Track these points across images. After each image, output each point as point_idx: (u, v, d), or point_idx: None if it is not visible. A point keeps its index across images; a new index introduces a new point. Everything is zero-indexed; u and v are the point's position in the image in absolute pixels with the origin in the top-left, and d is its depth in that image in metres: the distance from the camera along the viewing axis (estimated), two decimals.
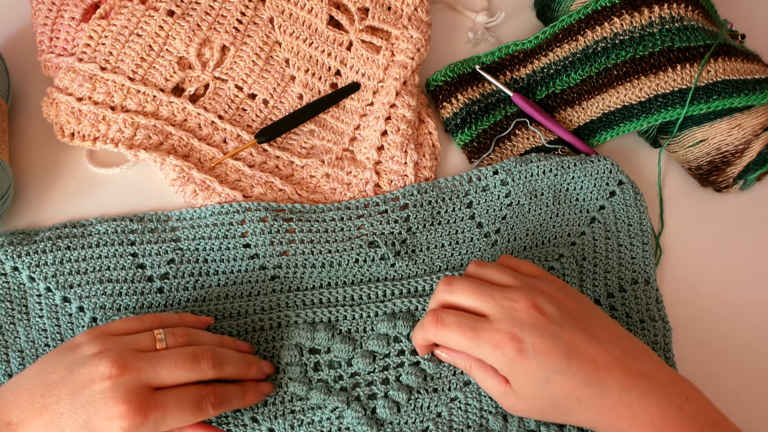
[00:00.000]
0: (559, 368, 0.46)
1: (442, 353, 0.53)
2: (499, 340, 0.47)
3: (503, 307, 0.48)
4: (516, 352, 0.46)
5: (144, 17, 0.62)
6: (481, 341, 0.47)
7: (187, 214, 0.59)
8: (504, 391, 0.49)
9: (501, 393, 0.49)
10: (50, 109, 0.60)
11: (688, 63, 0.59)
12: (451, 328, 0.48)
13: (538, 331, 0.47)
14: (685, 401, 0.46)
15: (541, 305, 0.48)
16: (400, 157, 0.62)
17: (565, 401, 0.47)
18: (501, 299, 0.48)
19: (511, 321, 0.47)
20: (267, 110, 0.64)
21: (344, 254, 0.58)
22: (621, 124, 0.63)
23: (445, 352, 0.53)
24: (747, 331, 0.61)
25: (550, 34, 0.65)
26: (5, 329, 0.55)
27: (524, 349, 0.46)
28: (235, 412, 0.54)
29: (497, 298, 0.48)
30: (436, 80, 0.66)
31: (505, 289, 0.49)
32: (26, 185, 0.61)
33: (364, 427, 0.54)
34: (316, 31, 0.64)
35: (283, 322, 0.56)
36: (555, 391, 0.47)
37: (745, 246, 0.63)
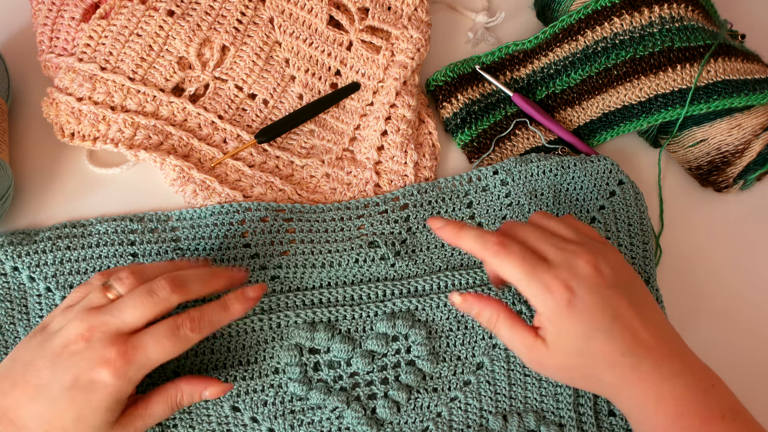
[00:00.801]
0: (603, 328, 0.46)
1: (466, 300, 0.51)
2: (553, 285, 0.47)
3: (565, 258, 0.48)
4: (566, 301, 0.46)
5: (144, 17, 0.62)
6: (536, 279, 0.47)
7: (187, 214, 0.59)
8: (533, 344, 0.48)
9: (529, 345, 0.48)
10: (50, 109, 0.61)
11: (688, 63, 0.59)
12: (513, 255, 0.48)
13: (592, 288, 0.47)
14: (711, 387, 0.47)
15: (600, 265, 0.48)
16: (400, 157, 0.62)
17: (597, 363, 0.47)
18: (564, 249, 0.48)
19: (570, 272, 0.47)
20: (267, 110, 0.64)
21: (344, 254, 0.58)
22: (621, 124, 0.63)
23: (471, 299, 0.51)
24: (747, 331, 0.61)
25: (550, 34, 0.65)
26: (5, 329, 0.55)
27: (574, 301, 0.47)
28: (234, 412, 0.54)
29: (560, 247, 0.49)
30: (436, 80, 0.66)
31: (568, 242, 0.49)
32: (26, 185, 0.61)
33: (364, 427, 0.54)
34: (316, 31, 0.64)
35: (282, 323, 0.56)
36: (593, 350, 0.47)
37: (745, 246, 0.63)
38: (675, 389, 0.46)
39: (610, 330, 0.47)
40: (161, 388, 0.49)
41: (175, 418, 0.54)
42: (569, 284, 0.47)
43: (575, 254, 0.48)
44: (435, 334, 0.57)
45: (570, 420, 0.55)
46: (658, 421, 0.46)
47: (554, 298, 0.47)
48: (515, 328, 0.49)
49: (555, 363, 0.49)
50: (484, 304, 0.50)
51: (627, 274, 0.50)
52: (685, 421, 0.45)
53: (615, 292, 0.48)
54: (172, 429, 0.54)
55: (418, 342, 0.56)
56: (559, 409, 0.55)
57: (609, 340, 0.47)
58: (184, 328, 0.47)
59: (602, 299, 0.47)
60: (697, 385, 0.46)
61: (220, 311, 0.49)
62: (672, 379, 0.46)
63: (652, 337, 0.47)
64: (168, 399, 0.49)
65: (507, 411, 0.55)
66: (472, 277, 0.58)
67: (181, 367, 0.54)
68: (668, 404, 0.46)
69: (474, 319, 0.57)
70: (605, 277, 0.48)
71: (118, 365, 0.44)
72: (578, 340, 0.47)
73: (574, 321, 0.47)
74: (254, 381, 0.55)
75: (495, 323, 0.49)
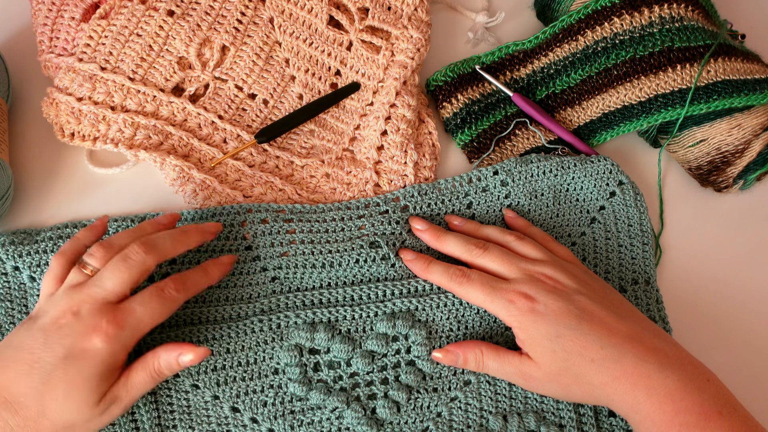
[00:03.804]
0: (569, 325, 0.49)
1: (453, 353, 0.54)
2: (513, 297, 0.51)
3: (525, 273, 0.52)
4: (528, 307, 0.50)
5: (144, 17, 0.62)
6: (497, 296, 0.51)
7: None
8: (519, 361, 0.51)
9: (516, 364, 0.51)
10: (50, 109, 0.60)
11: (688, 63, 0.59)
12: (474, 283, 0.53)
13: (552, 295, 0.50)
14: (705, 382, 0.47)
15: (561, 277, 0.52)
16: (400, 157, 0.62)
17: (579, 363, 0.48)
18: (525, 268, 0.52)
19: (529, 284, 0.51)
20: (267, 110, 0.64)
21: (345, 254, 0.58)
22: (621, 124, 0.63)
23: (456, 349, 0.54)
24: (747, 331, 0.61)
25: (550, 34, 0.65)
26: (5, 329, 0.55)
27: (536, 306, 0.50)
28: (234, 413, 0.54)
29: (522, 267, 0.53)
30: (436, 80, 0.66)
31: (533, 262, 0.53)
32: (26, 185, 0.61)
33: (364, 427, 0.54)
34: (316, 31, 0.64)
35: (282, 323, 0.56)
36: (566, 347, 0.48)
37: (745, 246, 0.63)
38: (667, 382, 0.46)
39: (578, 327, 0.48)
40: (140, 358, 0.50)
41: (175, 419, 0.54)
42: (528, 294, 0.50)
43: (537, 270, 0.52)
44: (435, 335, 0.57)
45: (570, 420, 0.55)
46: (656, 417, 0.46)
47: (517, 308, 0.50)
48: (500, 356, 0.52)
49: (543, 373, 0.50)
50: (466, 347, 0.54)
51: (596, 285, 0.53)
52: (683, 417, 0.45)
53: (580, 297, 0.50)
54: (171, 429, 0.54)
55: (418, 342, 0.56)
56: (559, 410, 0.55)
57: (580, 336, 0.48)
58: (168, 289, 0.49)
59: (565, 302, 0.50)
60: (691, 380, 0.46)
61: (200, 274, 0.52)
62: (662, 372, 0.46)
63: (631, 331, 0.48)
64: (146, 367, 0.50)
65: (507, 411, 0.55)
66: None
67: None
68: (663, 399, 0.46)
69: (474, 319, 0.57)
70: (567, 286, 0.51)
71: (110, 331, 0.45)
72: (549, 341, 0.49)
73: (540, 324, 0.49)
74: (254, 381, 0.55)
75: (482, 360, 0.53)
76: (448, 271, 0.54)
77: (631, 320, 0.50)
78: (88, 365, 0.45)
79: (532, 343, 0.50)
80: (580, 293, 0.51)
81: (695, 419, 0.45)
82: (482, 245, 0.55)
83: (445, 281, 0.55)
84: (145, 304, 0.47)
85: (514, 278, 0.52)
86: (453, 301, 0.57)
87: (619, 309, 0.51)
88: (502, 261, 0.54)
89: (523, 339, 0.50)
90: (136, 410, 0.53)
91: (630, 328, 0.49)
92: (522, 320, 0.50)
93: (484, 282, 0.53)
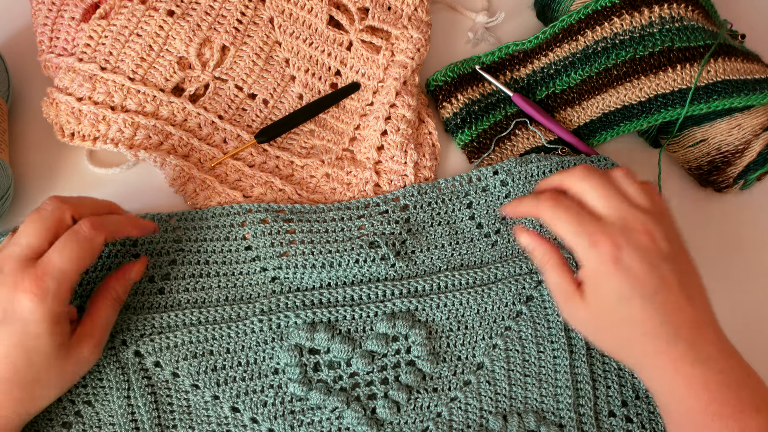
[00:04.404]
0: (644, 294, 0.46)
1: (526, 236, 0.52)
2: (600, 240, 0.47)
3: (622, 218, 0.48)
4: (611, 256, 0.47)
5: (144, 17, 0.62)
6: (583, 232, 0.48)
7: (188, 215, 0.59)
8: (572, 294, 0.49)
9: (568, 294, 0.49)
10: (50, 109, 0.60)
11: (688, 63, 0.59)
12: (565, 210, 0.49)
13: (641, 253, 0.47)
14: (746, 377, 0.46)
15: (656, 235, 0.48)
16: (400, 157, 0.62)
17: (631, 328, 0.47)
18: (624, 211, 0.48)
19: (623, 232, 0.47)
20: (267, 110, 0.64)
21: (344, 254, 0.58)
22: (621, 124, 0.63)
23: (530, 236, 0.52)
24: (747, 332, 0.60)
25: (550, 34, 0.65)
26: None
27: (620, 259, 0.46)
28: (234, 413, 0.54)
29: (622, 209, 0.48)
30: (436, 80, 0.66)
31: (634, 206, 0.49)
32: (26, 185, 0.61)
33: (364, 427, 0.54)
34: (316, 31, 0.64)
35: (282, 323, 0.56)
36: (629, 313, 0.47)
37: (745, 246, 0.63)
38: (708, 374, 0.45)
39: (652, 298, 0.46)
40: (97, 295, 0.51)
41: (175, 419, 0.54)
42: (618, 241, 0.47)
43: (634, 218, 0.48)
44: (435, 335, 0.57)
45: (570, 420, 0.55)
46: (690, 403, 0.45)
47: (599, 252, 0.47)
48: (562, 275, 0.50)
49: (588, 318, 0.49)
50: (541, 243, 0.52)
51: (683, 255, 0.50)
52: (717, 408, 0.45)
53: (666, 264, 0.47)
54: (171, 429, 0.54)
55: (418, 342, 0.56)
56: (559, 410, 0.55)
57: (648, 308, 0.46)
58: (82, 229, 0.48)
59: (650, 266, 0.47)
60: (732, 374, 0.46)
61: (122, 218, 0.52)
62: (706, 363, 0.46)
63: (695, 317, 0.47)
64: (106, 298, 0.51)
65: (507, 411, 0.55)
66: (472, 277, 0.58)
67: (179, 369, 0.54)
68: (699, 389, 0.45)
69: (474, 320, 0.57)
70: (659, 248, 0.47)
71: (34, 287, 0.45)
72: (616, 299, 0.47)
73: (616, 279, 0.47)
74: (254, 381, 0.55)
75: (545, 264, 0.51)
76: (538, 195, 0.51)
77: (698, 303, 0.48)
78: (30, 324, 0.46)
79: (597, 292, 0.48)
80: (667, 260, 0.47)
81: (730, 411, 0.45)
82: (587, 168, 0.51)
83: (533, 204, 0.51)
84: (62, 250, 0.47)
85: (607, 217, 0.48)
86: (453, 301, 0.57)
87: (692, 288, 0.48)
88: (601, 193, 0.49)
89: (588, 284, 0.48)
90: (136, 410, 0.53)
91: (694, 313, 0.47)
92: (598, 268, 0.47)
93: (574, 211, 0.48)
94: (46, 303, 0.46)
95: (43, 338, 0.46)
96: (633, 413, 0.56)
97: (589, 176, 0.50)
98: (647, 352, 0.47)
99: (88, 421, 0.53)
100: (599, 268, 0.47)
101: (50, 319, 0.46)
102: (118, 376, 0.54)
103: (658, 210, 0.50)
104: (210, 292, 0.57)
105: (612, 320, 0.48)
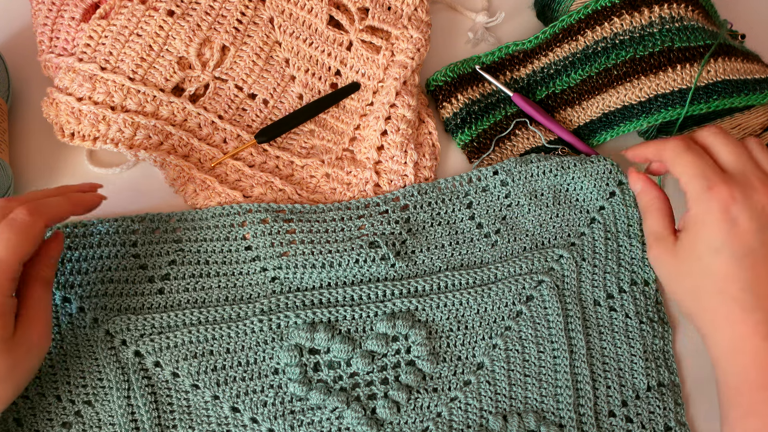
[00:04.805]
0: (735, 251, 0.46)
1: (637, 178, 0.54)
2: (718, 187, 0.47)
3: (746, 175, 0.48)
4: (722, 205, 0.47)
5: (144, 17, 0.62)
6: (704, 176, 0.48)
7: (188, 215, 0.59)
8: (665, 237, 0.50)
9: (660, 236, 0.50)
10: (50, 109, 0.60)
11: (688, 63, 0.59)
12: (692, 152, 0.49)
13: (754, 213, 0.46)
14: None
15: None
16: (400, 157, 0.62)
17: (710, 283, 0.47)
18: (751, 171, 0.48)
19: (742, 187, 0.47)
20: (267, 110, 0.64)
21: (344, 254, 0.58)
22: (621, 124, 0.63)
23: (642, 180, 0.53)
24: None
25: (550, 34, 0.65)
26: None
27: (730, 210, 0.46)
28: (234, 413, 0.54)
29: (749, 168, 0.48)
30: (436, 80, 0.66)
31: (761, 170, 0.49)
32: (26, 185, 0.61)
33: (364, 427, 0.54)
34: (316, 31, 0.64)
35: (282, 323, 0.56)
36: (713, 266, 0.46)
37: None
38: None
39: (742, 258, 0.46)
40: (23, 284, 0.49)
41: (175, 419, 0.54)
42: (734, 194, 0.47)
43: (759, 179, 0.48)
44: (435, 335, 0.57)
45: (570, 420, 0.55)
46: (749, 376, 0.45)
47: (711, 197, 0.47)
48: (662, 220, 0.51)
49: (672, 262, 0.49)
50: (652, 188, 0.53)
51: None
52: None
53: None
54: (171, 429, 0.54)
55: (418, 342, 0.56)
56: (559, 410, 0.55)
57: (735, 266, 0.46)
58: (18, 215, 0.46)
59: (758, 226, 0.46)
60: None
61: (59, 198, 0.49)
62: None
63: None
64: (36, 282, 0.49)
65: (507, 411, 0.55)
66: (472, 277, 0.58)
67: (179, 369, 0.54)
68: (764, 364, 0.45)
69: (474, 320, 0.57)
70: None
71: None
72: (706, 248, 0.47)
73: (716, 228, 0.46)
74: (254, 381, 0.55)
75: (649, 207, 0.52)
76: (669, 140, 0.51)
77: None
78: None
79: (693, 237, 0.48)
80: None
81: None
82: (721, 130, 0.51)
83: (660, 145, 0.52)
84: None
85: (732, 170, 0.48)
86: (453, 301, 0.57)
87: None
88: (731, 149, 0.49)
89: (689, 228, 0.48)
90: (136, 410, 0.53)
91: None
92: (705, 213, 0.47)
93: (700, 156, 0.49)
94: None
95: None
96: (633, 413, 0.56)
97: (723, 132, 0.50)
98: (718, 313, 0.46)
99: (88, 421, 0.53)
100: (705, 214, 0.47)
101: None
102: (118, 376, 0.54)
103: None
104: (210, 292, 0.57)
105: (694, 269, 0.47)
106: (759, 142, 0.51)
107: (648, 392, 0.56)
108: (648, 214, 0.52)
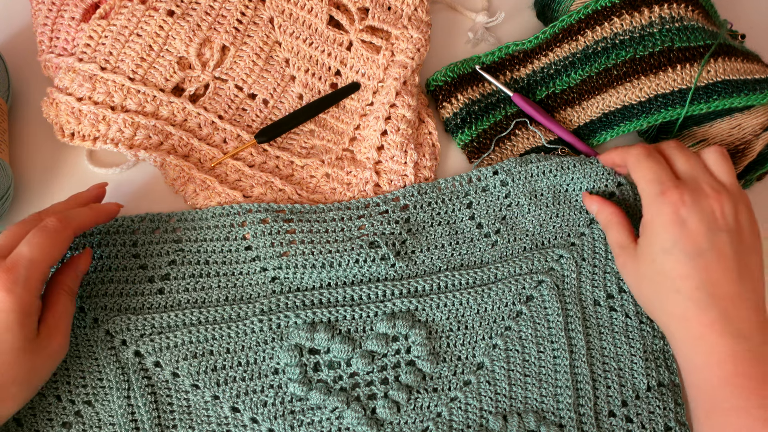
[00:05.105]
0: (687, 251, 0.48)
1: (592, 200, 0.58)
2: (669, 192, 0.49)
3: (697, 182, 0.50)
4: (672, 208, 0.49)
5: (144, 17, 0.62)
6: (658, 182, 0.51)
7: (188, 215, 0.59)
8: (628, 245, 0.53)
9: (625, 245, 0.53)
10: (50, 109, 0.60)
11: (688, 63, 0.59)
12: (651, 159, 0.52)
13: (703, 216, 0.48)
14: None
15: (726, 210, 0.49)
16: (400, 157, 0.62)
17: (667, 283, 0.48)
18: (703, 179, 0.51)
19: (693, 192, 0.49)
20: (267, 110, 0.64)
21: (344, 254, 0.58)
22: (621, 124, 0.63)
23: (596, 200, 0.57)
24: None
25: (550, 34, 0.65)
26: None
27: (679, 213, 0.49)
28: (234, 413, 0.54)
29: (701, 176, 0.51)
30: (436, 80, 0.66)
31: (714, 179, 0.51)
32: (26, 185, 0.61)
33: (364, 427, 0.54)
34: (316, 31, 0.64)
35: (282, 323, 0.56)
36: (666, 265, 0.48)
37: None
38: (737, 349, 0.45)
39: (694, 258, 0.47)
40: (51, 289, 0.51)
41: (175, 419, 0.54)
42: (684, 198, 0.49)
43: (710, 187, 0.50)
44: (435, 335, 0.57)
45: (570, 420, 0.55)
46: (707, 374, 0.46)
47: (663, 202, 0.49)
48: (622, 231, 0.54)
49: (633, 267, 0.51)
50: (607, 206, 0.57)
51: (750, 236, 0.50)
52: (741, 381, 0.45)
53: (724, 235, 0.48)
54: (171, 429, 0.54)
55: (418, 342, 0.56)
56: (559, 409, 0.55)
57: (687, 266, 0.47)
58: (49, 222, 0.49)
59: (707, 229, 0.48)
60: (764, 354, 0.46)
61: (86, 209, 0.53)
62: (737, 339, 0.46)
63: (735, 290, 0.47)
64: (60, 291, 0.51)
65: (507, 411, 0.55)
66: (472, 277, 0.58)
67: (179, 369, 0.54)
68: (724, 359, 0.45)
69: (474, 320, 0.57)
70: (725, 220, 0.49)
71: (4, 279, 0.46)
72: (659, 250, 0.49)
73: (667, 230, 0.48)
74: (254, 381, 0.55)
75: (609, 222, 0.55)
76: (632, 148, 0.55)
77: (747, 282, 0.48)
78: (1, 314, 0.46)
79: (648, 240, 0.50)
80: (728, 233, 0.48)
81: (754, 385, 0.45)
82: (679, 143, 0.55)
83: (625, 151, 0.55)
84: (31, 243, 0.48)
85: (684, 177, 0.51)
86: (453, 301, 0.57)
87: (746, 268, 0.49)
88: (688, 159, 0.52)
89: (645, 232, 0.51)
90: (136, 410, 0.53)
91: (738, 288, 0.47)
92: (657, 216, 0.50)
93: (657, 162, 0.52)
94: (16, 292, 0.46)
95: (13, 331, 0.46)
96: (633, 413, 0.56)
97: (680, 145, 0.54)
98: (675, 312, 0.47)
99: (88, 421, 0.53)
100: (657, 217, 0.49)
101: (19, 309, 0.46)
102: (118, 376, 0.54)
103: (738, 192, 0.51)
104: (210, 292, 0.57)
105: (651, 270, 0.49)
106: (721, 152, 0.53)
107: (648, 392, 0.56)
108: (609, 229, 0.56)
